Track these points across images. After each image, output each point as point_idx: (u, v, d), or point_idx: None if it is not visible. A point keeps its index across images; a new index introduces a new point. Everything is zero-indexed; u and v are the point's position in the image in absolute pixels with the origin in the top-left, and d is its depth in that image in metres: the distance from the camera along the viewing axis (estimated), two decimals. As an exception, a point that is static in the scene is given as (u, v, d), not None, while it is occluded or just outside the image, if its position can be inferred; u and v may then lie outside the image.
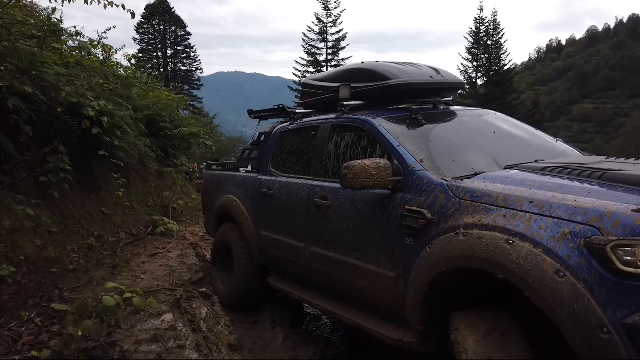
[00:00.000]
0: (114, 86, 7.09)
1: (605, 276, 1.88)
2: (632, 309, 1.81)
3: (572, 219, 2.04)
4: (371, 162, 2.85)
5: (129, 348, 3.49)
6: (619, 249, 1.87)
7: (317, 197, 3.61)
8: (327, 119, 4.01)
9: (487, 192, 2.48)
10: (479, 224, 2.37)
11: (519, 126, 3.94)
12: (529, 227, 2.17)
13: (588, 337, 1.87)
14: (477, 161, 3.02)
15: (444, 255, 2.49)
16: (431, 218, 2.64)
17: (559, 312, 1.96)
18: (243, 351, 3.99)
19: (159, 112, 8.78)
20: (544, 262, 2.04)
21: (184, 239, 6.91)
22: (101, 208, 6.42)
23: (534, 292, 2.06)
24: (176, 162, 9.81)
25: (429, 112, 3.67)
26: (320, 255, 3.61)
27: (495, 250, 2.22)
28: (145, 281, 4.93)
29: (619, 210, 1.96)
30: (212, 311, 4.49)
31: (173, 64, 47.37)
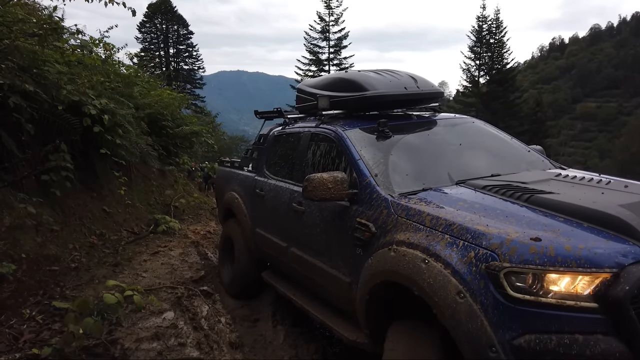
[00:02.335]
0: (116, 85, 7.09)
1: (498, 300, 1.98)
2: (520, 331, 1.92)
3: (479, 244, 2.14)
4: (329, 175, 2.99)
5: (129, 346, 3.49)
6: (512, 275, 1.97)
7: (295, 202, 3.80)
8: (308, 126, 4.17)
9: (418, 211, 2.58)
10: (407, 242, 2.48)
11: (493, 136, 3.96)
12: (444, 249, 2.27)
13: (479, 355, 1.98)
14: (430, 176, 3.10)
15: (379, 268, 2.61)
16: (374, 232, 2.76)
17: (457, 330, 2.08)
18: (244, 349, 3.99)
19: (161, 110, 8.78)
20: (449, 283, 2.15)
21: (186, 237, 6.91)
22: (103, 206, 6.42)
23: (439, 310, 2.18)
24: (178, 161, 9.80)
25: (401, 122, 3.79)
26: (297, 256, 3.81)
27: (413, 268, 2.34)
28: (147, 279, 4.93)
29: (518, 238, 2.06)
30: (213, 309, 4.49)
31: (175, 63, 47.40)
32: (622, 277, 1.88)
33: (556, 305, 1.91)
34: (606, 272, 1.90)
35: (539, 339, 1.88)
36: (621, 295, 1.83)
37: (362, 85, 3.75)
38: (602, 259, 1.93)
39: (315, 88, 4.31)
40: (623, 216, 2.10)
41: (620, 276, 1.88)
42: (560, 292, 1.93)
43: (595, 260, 1.93)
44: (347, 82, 3.96)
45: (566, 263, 1.93)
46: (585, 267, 1.92)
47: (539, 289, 1.93)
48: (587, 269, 1.92)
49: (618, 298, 1.84)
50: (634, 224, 2.06)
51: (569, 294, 1.92)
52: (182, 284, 4.82)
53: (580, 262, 1.92)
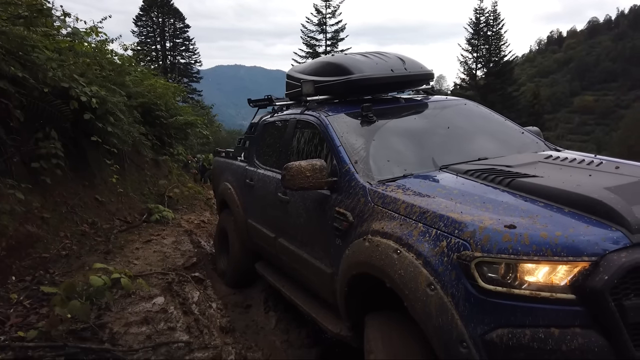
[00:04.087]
0: (108, 73, 7.03)
1: (470, 292, 1.87)
2: (492, 325, 1.81)
3: (451, 233, 2.02)
4: (307, 163, 2.88)
5: (118, 330, 3.46)
6: (484, 266, 1.85)
7: (280, 191, 3.70)
8: (294, 113, 4.07)
9: (394, 199, 2.46)
10: (381, 231, 2.37)
11: (485, 118, 3.81)
12: (416, 238, 2.16)
13: (449, 351, 1.89)
14: (413, 162, 2.99)
15: (354, 260, 2.52)
16: (352, 221, 2.65)
17: (427, 325, 1.98)
18: (235, 334, 3.97)
19: (154, 100, 8.71)
20: (420, 275, 2.04)
21: (179, 226, 6.87)
22: (95, 195, 6.37)
23: (409, 303, 2.08)
24: (172, 151, 9.74)
25: (387, 106, 3.65)
26: (284, 247, 3.74)
27: (385, 259, 2.24)
28: (138, 266, 4.89)
29: (492, 226, 1.93)
30: (204, 295, 4.46)
31: (172, 57, 47.20)
32: (602, 266, 1.74)
33: (530, 297, 1.79)
34: (584, 260, 1.77)
35: (512, 334, 1.76)
36: (600, 286, 1.71)
37: (347, 69, 3.63)
38: (580, 247, 1.79)
39: (303, 73, 4.20)
40: (606, 200, 1.95)
41: (599, 265, 1.75)
42: (535, 283, 1.81)
43: (573, 248, 1.79)
44: (332, 65, 3.85)
45: (541, 252, 1.79)
46: (561, 255, 1.78)
47: (513, 280, 1.82)
48: (563, 257, 1.78)
49: (596, 289, 1.71)
50: (617, 208, 1.90)
51: (545, 284, 1.80)
52: (173, 270, 4.78)
53: (557, 250, 1.79)
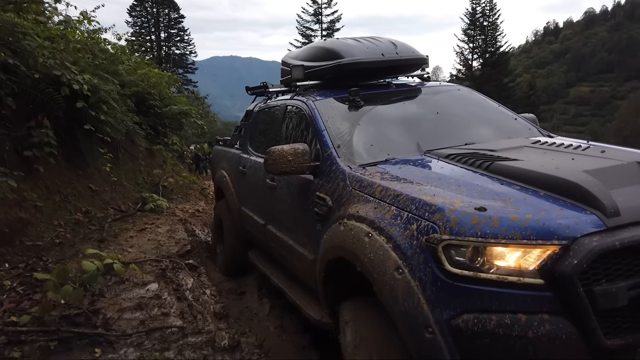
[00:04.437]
0: (101, 61, 6.99)
1: (437, 276, 1.82)
2: (458, 310, 1.76)
3: (422, 215, 1.97)
4: (289, 147, 2.85)
5: (112, 315, 3.47)
6: (451, 249, 1.80)
7: (268, 177, 3.67)
8: (284, 99, 4.04)
9: (370, 182, 2.42)
10: (355, 215, 2.34)
11: (477, 104, 3.73)
12: (388, 221, 2.11)
13: (414, 335, 1.84)
14: (397, 146, 2.95)
15: (330, 244, 2.50)
16: (331, 205, 2.62)
17: (393, 309, 1.93)
18: (229, 319, 3.98)
19: (148, 89, 8.67)
20: (388, 258, 1.99)
21: (174, 215, 6.87)
22: (89, 184, 6.36)
23: (377, 287, 2.03)
24: (167, 141, 9.72)
25: (377, 91, 3.60)
26: (272, 234, 3.74)
27: (357, 242, 2.20)
28: (132, 254, 4.90)
29: (461, 208, 1.88)
30: (198, 281, 4.48)
31: (167, 48, 46.86)
32: (572, 250, 1.68)
33: (498, 282, 1.73)
34: (554, 244, 1.70)
35: (478, 319, 1.71)
36: (568, 271, 1.64)
37: (338, 53, 3.59)
38: (551, 230, 1.73)
39: (296, 59, 4.18)
40: (583, 182, 1.88)
41: (570, 249, 1.68)
42: (503, 268, 1.75)
43: (543, 232, 1.72)
44: (323, 50, 3.82)
45: (510, 235, 1.74)
46: (530, 239, 1.72)
47: (480, 264, 1.76)
48: (532, 241, 1.72)
49: (565, 273, 1.64)
50: (593, 191, 1.82)
51: (513, 269, 1.74)
52: (167, 258, 4.79)
53: (526, 233, 1.73)
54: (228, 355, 3.24)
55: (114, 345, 3.12)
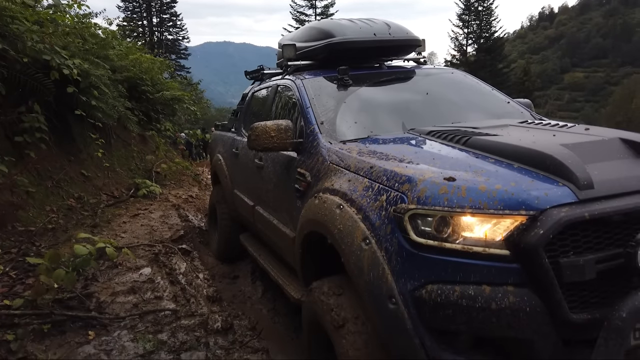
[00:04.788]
0: (91, 46, 6.91)
1: (402, 246, 1.80)
2: (422, 281, 1.74)
3: (392, 186, 1.96)
4: (272, 123, 2.86)
5: (105, 299, 3.50)
6: (418, 219, 1.79)
7: (257, 158, 3.71)
8: (276, 79, 4.07)
9: (347, 156, 2.43)
10: (330, 188, 2.34)
11: (470, 87, 3.72)
12: (360, 193, 2.11)
13: (377, 306, 1.83)
14: (381, 125, 2.96)
15: (304, 218, 2.51)
16: (310, 181, 2.64)
17: (359, 279, 1.93)
18: (222, 303, 4.01)
19: (140, 75, 8.60)
20: (357, 229, 1.99)
21: (167, 201, 6.86)
22: (81, 170, 6.33)
23: (345, 258, 2.03)
24: (159, 127, 9.67)
25: (368, 72, 3.60)
26: (260, 215, 3.77)
27: (328, 214, 2.20)
28: (125, 239, 4.91)
29: (430, 178, 1.86)
30: (191, 266, 4.50)
31: (159, 33, 46.32)
32: (540, 221, 1.64)
33: (463, 252, 1.71)
34: (522, 215, 1.67)
35: (441, 290, 1.69)
36: (533, 241, 1.61)
37: (330, 32, 3.58)
38: (519, 200, 1.70)
39: (292, 41, 4.15)
40: (557, 154, 1.85)
41: (537, 220, 1.65)
42: (469, 238, 1.73)
43: (511, 202, 1.70)
44: (315, 30, 3.83)
45: (477, 205, 1.72)
46: (497, 209, 1.69)
47: (447, 234, 1.75)
48: (499, 211, 1.69)
49: (530, 244, 1.62)
50: (566, 163, 1.79)
51: (479, 239, 1.71)
52: (161, 242, 4.81)
53: (493, 203, 1.70)
54: (221, 337, 3.27)
55: (108, 327, 3.15)
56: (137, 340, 3.02)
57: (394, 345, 1.82)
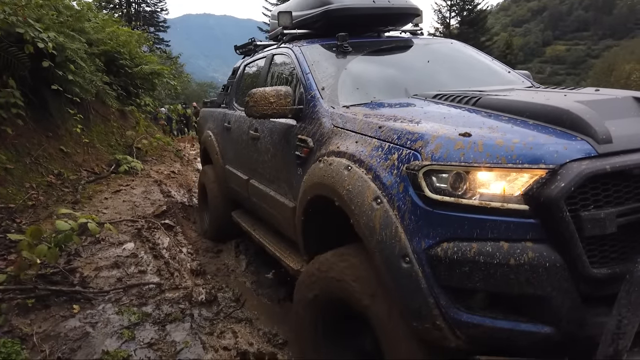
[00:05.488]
0: (66, 18, 6.73)
1: (416, 204, 1.76)
2: (437, 239, 1.71)
3: (403, 144, 1.93)
4: (271, 89, 2.82)
5: (89, 274, 3.53)
6: (432, 175, 1.75)
7: (252, 129, 3.67)
8: (270, 49, 4.00)
9: (352, 118, 2.41)
10: (336, 151, 2.32)
11: (471, 56, 3.72)
12: (369, 153, 2.08)
13: (390, 266, 1.80)
14: (384, 91, 2.93)
15: (308, 183, 2.47)
16: (312, 146, 2.61)
17: (370, 240, 1.89)
18: (206, 276, 4.08)
19: (117, 48, 8.42)
20: (367, 189, 1.96)
21: (149, 177, 6.84)
22: (60, 146, 6.25)
23: (355, 219, 1.99)
24: (139, 102, 9.52)
25: (367, 40, 3.57)
26: (255, 187, 3.74)
27: (335, 176, 2.17)
28: (108, 215, 4.91)
29: (445, 134, 1.84)
30: (174, 240, 4.54)
31: (136, 4, 44.98)
32: (560, 174, 1.61)
33: (480, 208, 1.67)
34: (541, 168, 1.64)
35: (458, 247, 1.66)
36: (554, 194, 1.58)
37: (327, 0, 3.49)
38: (538, 154, 1.67)
39: (288, 9, 4.03)
40: (574, 109, 1.81)
41: (557, 173, 1.62)
42: (486, 194, 1.69)
43: (530, 156, 1.66)
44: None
45: (495, 159, 1.68)
46: (516, 163, 1.66)
47: (463, 190, 1.71)
48: (518, 165, 1.66)
49: (551, 197, 1.58)
50: (585, 117, 1.76)
51: (497, 195, 1.68)
52: (143, 218, 4.82)
53: (512, 157, 1.67)
54: (205, 309, 3.35)
55: (92, 301, 3.19)
56: (122, 313, 3.07)
57: (407, 305, 1.78)
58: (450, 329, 1.69)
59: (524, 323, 1.65)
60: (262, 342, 2.98)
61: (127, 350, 2.71)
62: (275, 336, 3.10)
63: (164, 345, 2.81)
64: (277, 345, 3.00)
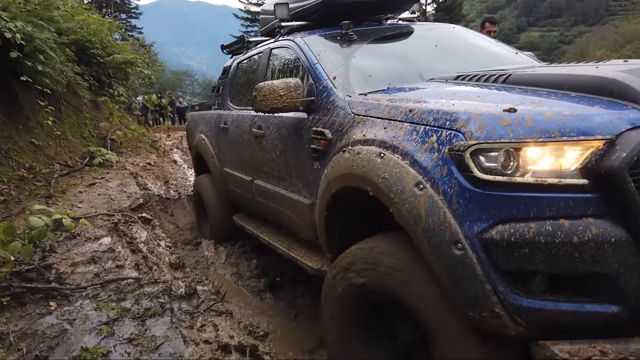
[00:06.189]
0: (34, 7, 6.52)
1: (464, 186, 1.69)
2: (491, 221, 1.64)
3: (442, 125, 1.86)
4: (280, 82, 2.73)
5: (65, 270, 3.48)
6: (480, 155, 1.67)
7: (255, 127, 3.56)
8: (267, 43, 3.91)
9: (376, 104, 2.33)
10: (362, 139, 2.23)
11: (476, 39, 3.72)
12: (402, 138, 1.99)
13: (441, 254, 1.72)
14: (398, 76, 2.86)
15: (333, 175, 2.37)
16: (331, 138, 2.53)
17: (415, 229, 1.81)
18: (185, 269, 4.07)
19: (88, 37, 8.20)
20: (406, 175, 1.87)
21: (124, 169, 6.73)
22: (31, 139, 6.09)
23: (395, 208, 1.90)
24: (112, 92, 9.32)
25: (370, 27, 3.52)
26: (261, 187, 3.62)
27: (367, 165, 2.08)
28: (83, 209, 4.83)
29: (488, 111, 1.75)
30: (152, 234, 4.50)
31: (106, -10, 43.76)
32: (619, 144, 1.55)
33: (535, 186, 1.60)
34: (598, 139, 1.57)
35: (515, 229, 1.58)
36: (617, 165, 1.51)
37: None
38: (592, 126, 1.59)
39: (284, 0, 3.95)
40: (622, 78, 1.76)
41: (615, 144, 1.55)
42: (540, 170, 1.62)
43: (584, 127, 1.59)
44: None
45: (547, 133, 1.60)
46: (570, 136, 1.59)
47: (514, 168, 1.63)
48: (572, 137, 1.58)
49: (613, 168, 1.52)
50: (634, 86, 1.71)
51: (552, 171, 1.61)
52: (120, 212, 4.76)
53: (565, 130, 1.59)
54: (185, 303, 3.33)
55: (69, 298, 3.15)
56: (100, 308, 3.04)
57: (462, 294, 1.68)
58: (510, 316, 1.62)
59: (588, 304, 1.59)
60: (243, 335, 3.00)
61: (106, 346, 2.69)
62: (257, 328, 3.12)
63: (144, 340, 2.80)
64: (258, 338, 3.02)
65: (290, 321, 3.41)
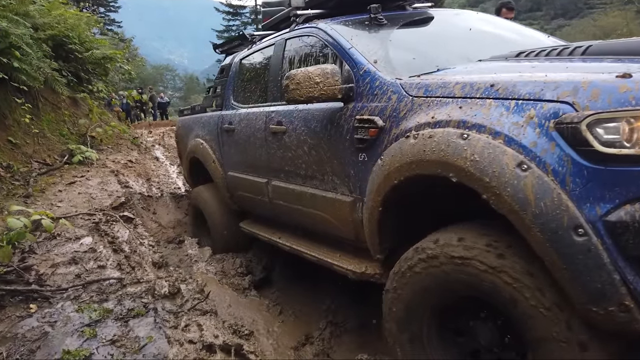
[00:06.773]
0: (8, 2, 6.36)
1: (580, 163, 1.52)
2: (617, 201, 1.46)
3: (540, 97, 1.67)
4: (315, 68, 2.54)
5: (45, 271, 3.42)
6: (599, 126, 1.50)
7: (272, 123, 3.36)
8: (280, 34, 3.73)
9: (442, 83, 2.13)
10: (431, 122, 2.03)
11: (505, 23, 3.68)
12: (488, 116, 1.81)
13: (558, 242, 1.52)
14: (443, 59, 2.68)
15: (394, 165, 2.14)
16: (382, 125, 2.32)
17: (521, 215, 1.61)
18: (168, 268, 4.04)
19: (66, 32, 8.04)
20: (503, 155, 1.68)
21: (105, 167, 6.63)
22: (8, 137, 5.96)
23: (492, 193, 1.70)
24: (91, 88, 9.17)
25: (395, 13, 3.38)
26: (281, 189, 3.38)
27: (446, 148, 1.87)
28: (63, 208, 4.75)
29: (599, 79, 1.58)
30: (134, 233, 4.45)
31: (84, -16, 42.91)
32: None
33: None
34: None
35: None
36: None
37: None
38: None
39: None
40: None
41: None
42: None
43: None
44: None
45: None
46: None
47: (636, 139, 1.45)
48: None
49: None
50: None
51: None
52: (101, 211, 4.69)
53: None
54: (169, 302, 3.30)
55: (50, 300, 3.10)
56: (82, 310, 3.00)
57: (584, 287, 1.50)
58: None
59: None
60: (228, 334, 2.99)
61: (88, 348, 2.66)
62: (242, 327, 3.12)
63: (128, 341, 2.77)
64: (243, 336, 3.02)
65: (274, 318, 3.41)
